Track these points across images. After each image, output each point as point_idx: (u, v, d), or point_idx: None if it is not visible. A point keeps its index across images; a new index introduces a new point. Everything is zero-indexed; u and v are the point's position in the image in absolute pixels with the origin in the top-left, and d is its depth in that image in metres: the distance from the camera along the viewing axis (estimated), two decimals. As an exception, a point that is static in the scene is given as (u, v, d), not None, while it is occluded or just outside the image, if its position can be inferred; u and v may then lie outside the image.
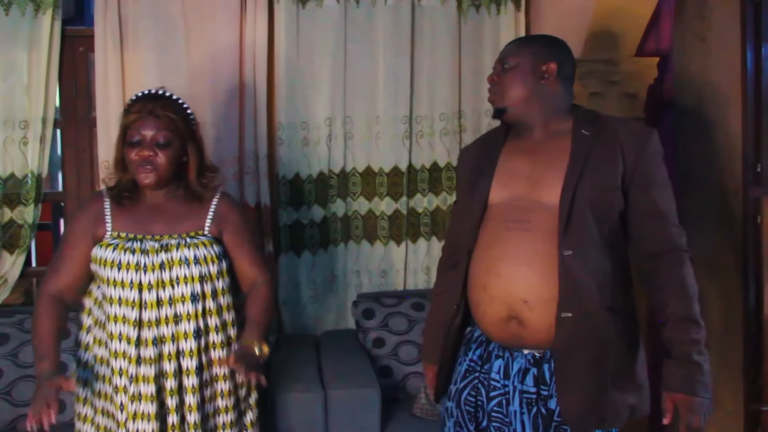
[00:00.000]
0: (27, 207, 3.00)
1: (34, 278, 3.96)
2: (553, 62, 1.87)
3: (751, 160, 2.69)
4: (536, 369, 1.81)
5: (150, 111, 2.00)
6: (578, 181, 1.76)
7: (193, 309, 2.03)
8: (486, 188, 1.89)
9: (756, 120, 2.69)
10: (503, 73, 1.89)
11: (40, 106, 2.97)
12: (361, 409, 2.61)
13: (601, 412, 1.75)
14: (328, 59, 3.20)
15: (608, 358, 1.76)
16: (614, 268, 1.79)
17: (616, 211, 1.79)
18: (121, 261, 1.98)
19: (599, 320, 1.75)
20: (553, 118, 1.88)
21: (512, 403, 1.82)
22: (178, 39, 3.06)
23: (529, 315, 1.77)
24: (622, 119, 2.00)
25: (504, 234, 1.82)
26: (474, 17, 3.32)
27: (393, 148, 3.25)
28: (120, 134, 2.06)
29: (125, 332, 1.99)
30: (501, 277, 1.80)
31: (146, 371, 1.99)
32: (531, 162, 1.86)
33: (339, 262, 3.30)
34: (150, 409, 1.98)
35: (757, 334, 2.71)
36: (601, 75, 2.93)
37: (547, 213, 1.78)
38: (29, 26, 2.95)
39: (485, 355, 1.90)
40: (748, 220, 2.70)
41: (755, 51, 2.67)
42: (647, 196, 1.78)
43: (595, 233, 1.76)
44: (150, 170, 2.00)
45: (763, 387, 2.70)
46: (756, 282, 2.70)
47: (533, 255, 1.77)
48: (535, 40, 2.03)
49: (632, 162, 1.78)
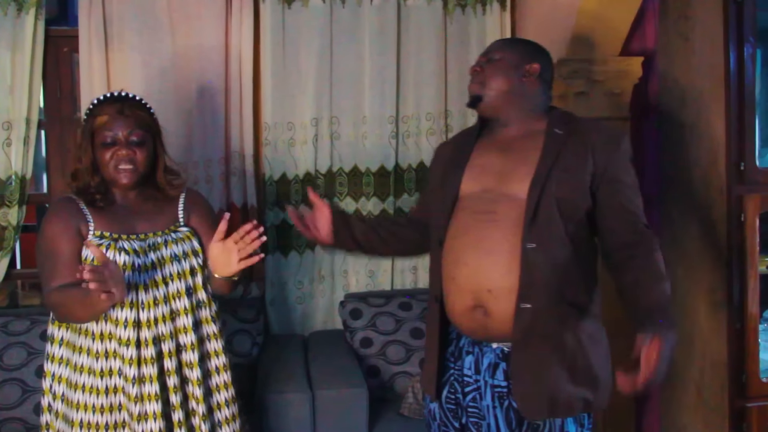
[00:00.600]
0: (11, 208, 2.97)
1: (19, 280, 3.94)
2: (537, 63, 1.92)
3: (734, 159, 2.71)
4: (506, 363, 1.84)
5: (119, 111, 1.99)
6: (547, 177, 1.80)
7: (189, 303, 2.04)
8: (457, 180, 1.93)
9: (739, 119, 2.71)
10: (487, 64, 1.93)
11: (24, 106, 2.95)
12: (349, 409, 2.61)
13: (553, 402, 1.79)
14: (314, 59, 3.19)
15: (565, 351, 1.80)
16: (578, 265, 1.83)
17: (582, 210, 1.82)
18: (116, 262, 1.93)
19: (558, 313, 1.79)
20: (528, 116, 1.93)
21: (484, 397, 1.87)
22: (164, 39, 3.04)
23: (493, 305, 1.81)
24: (595, 121, 2.05)
25: (472, 225, 1.86)
26: (460, 17, 3.32)
27: (379, 148, 3.26)
28: (86, 138, 2.01)
29: (122, 334, 1.96)
30: (468, 267, 1.84)
31: (149, 371, 1.97)
32: (503, 157, 1.90)
33: (326, 263, 3.30)
34: (155, 408, 1.97)
35: (742, 331, 2.73)
36: (586, 74, 2.95)
37: (514, 205, 1.81)
38: (12, 26, 2.93)
39: (456, 352, 1.94)
40: (731, 218, 2.71)
41: (738, 50, 2.69)
42: (619, 194, 1.82)
43: (561, 229, 1.79)
44: (130, 169, 1.99)
45: (748, 383, 2.72)
46: (740, 279, 2.72)
47: (498, 246, 1.81)
48: (521, 41, 2.09)
49: (603, 162, 1.81)
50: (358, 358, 2.94)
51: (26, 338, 2.73)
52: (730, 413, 2.73)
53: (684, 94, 2.89)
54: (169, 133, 2.64)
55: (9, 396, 2.63)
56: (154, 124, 2.08)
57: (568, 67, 2.91)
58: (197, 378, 2.04)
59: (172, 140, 2.82)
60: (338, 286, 3.31)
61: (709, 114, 2.76)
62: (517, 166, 1.85)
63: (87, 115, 2.04)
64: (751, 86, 2.73)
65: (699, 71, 2.81)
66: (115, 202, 2.06)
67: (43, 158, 3.25)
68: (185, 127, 3.06)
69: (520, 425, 1.83)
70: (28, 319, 2.80)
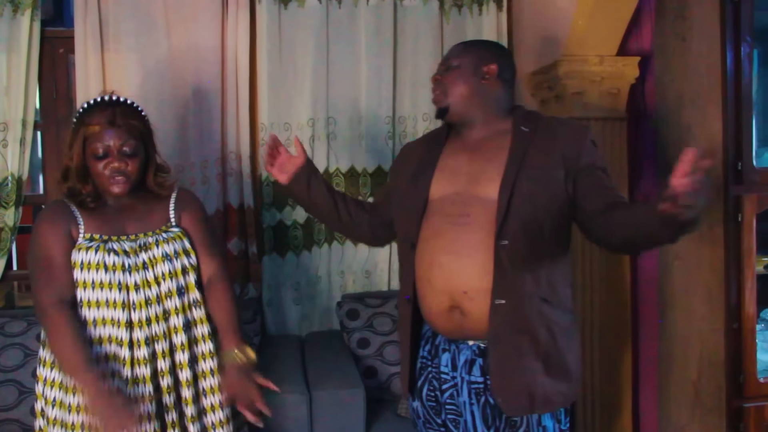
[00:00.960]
0: (7, 210, 2.97)
1: (15, 281, 3.92)
2: (494, 64, 1.95)
3: (731, 159, 2.71)
4: (482, 359, 1.87)
5: (110, 121, 1.97)
6: (516, 176, 1.82)
7: (180, 303, 2.04)
8: (427, 183, 1.96)
9: (736, 119, 2.71)
10: (446, 73, 1.96)
11: (20, 107, 2.94)
12: (346, 410, 2.60)
13: (532, 396, 1.82)
14: (310, 60, 3.19)
15: (540, 347, 1.83)
16: (552, 261, 1.86)
17: (554, 205, 1.84)
18: (106, 262, 1.95)
19: (532, 309, 1.82)
20: (493, 117, 1.96)
21: (461, 393, 1.90)
22: (160, 40, 3.04)
23: (469, 305, 1.84)
24: (560, 118, 2.09)
25: (445, 227, 1.88)
26: (456, 17, 3.32)
27: (376, 148, 3.25)
28: (79, 144, 1.99)
29: (114, 335, 1.96)
30: (443, 269, 1.86)
31: (142, 372, 1.96)
32: (471, 159, 1.93)
33: (323, 263, 3.30)
34: (149, 409, 1.96)
35: (739, 331, 2.73)
36: (583, 74, 2.95)
37: (486, 206, 1.84)
38: (8, 27, 2.92)
39: (433, 350, 1.97)
40: (729, 218, 2.72)
41: (735, 50, 2.69)
42: (598, 178, 1.85)
43: (533, 226, 1.82)
44: (122, 181, 1.99)
45: (745, 384, 2.73)
46: (737, 279, 2.72)
47: (473, 247, 1.83)
48: (477, 43, 2.10)
49: (575, 154, 1.85)
50: (355, 359, 2.93)
51: (23, 339, 2.72)
52: (728, 413, 2.74)
53: (681, 94, 2.89)
54: (166, 134, 2.66)
55: (5, 398, 2.62)
56: (146, 130, 2.07)
57: (565, 67, 2.92)
58: (187, 379, 2.03)
59: (169, 141, 2.84)
60: (335, 287, 3.31)
61: (706, 114, 2.76)
62: (486, 167, 1.88)
63: (77, 120, 2.02)
64: (748, 86, 2.73)
65: (696, 71, 2.81)
66: (106, 204, 2.06)
67: (40, 159, 3.24)
68: (181, 128, 3.06)
69: (496, 421, 1.86)
70: (25, 321, 2.79)
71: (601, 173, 1.87)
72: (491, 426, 1.87)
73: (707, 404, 2.80)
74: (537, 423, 1.85)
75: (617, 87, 3.00)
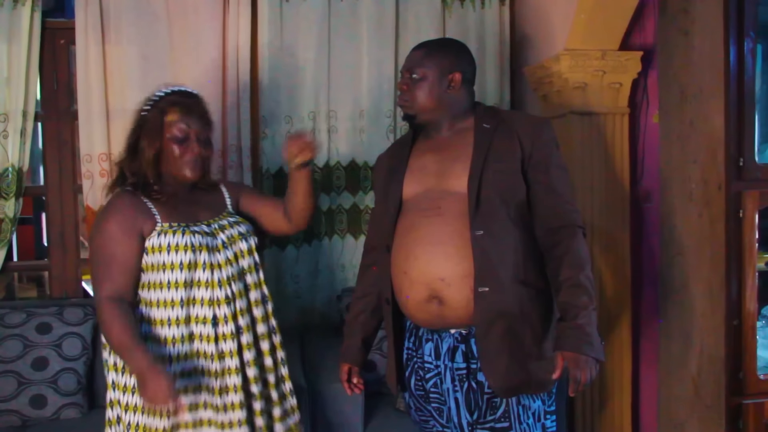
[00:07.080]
0: (8, 201, 2.97)
1: (15, 273, 3.94)
2: (458, 72, 2.01)
3: (733, 155, 2.70)
4: (464, 345, 1.93)
5: (190, 108, 2.08)
6: (483, 169, 1.90)
7: (258, 278, 2.17)
8: (399, 186, 2.03)
9: (738, 114, 2.69)
10: (412, 83, 2.01)
11: (21, 99, 2.95)
12: (345, 404, 2.61)
13: (524, 379, 1.88)
14: (311, 53, 3.18)
15: (525, 329, 1.90)
16: (524, 245, 1.92)
17: (519, 193, 1.92)
18: (192, 243, 2.01)
19: (514, 293, 1.88)
20: (457, 117, 2.04)
21: (445, 381, 1.95)
22: (161, 32, 3.03)
23: (447, 292, 1.89)
24: (520, 113, 2.17)
25: (418, 221, 1.95)
26: (458, 10, 3.32)
27: (377, 142, 3.24)
28: (157, 131, 2.05)
29: (201, 314, 2.03)
30: (419, 260, 1.92)
31: (228, 346, 2.04)
32: (439, 158, 2.01)
33: (323, 257, 3.29)
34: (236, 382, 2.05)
35: (739, 327, 2.72)
36: (585, 68, 2.93)
37: (457, 199, 1.91)
38: (8, 18, 2.92)
39: (417, 342, 2.03)
40: (730, 215, 2.71)
41: (738, 45, 2.67)
42: (544, 178, 1.93)
43: (503, 214, 1.90)
44: (199, 166, 2.10)
45: (745, 380, 2.72)
46: (738, 276, 2.71)
47: (447, 236, 1.90)
48: (439, 49, 2.07)
49: (529, 148, 1.93)
50: (355, 353, 2.93)
51: (22, 331, 2.73)
52: (727, 410, 2.73)
53: (683, 89, 2.87)
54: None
55: (4, 388, 2.63)
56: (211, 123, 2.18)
57: (567, 62, 2.90)
58: (267, 349, 2.16)
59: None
60: (335, 280, 3.31)
61: (709, 109, 2.75)
62: (453, 164, 1.96)
63: (152, 107, 2.09)
64: (751, 82, 2.71)
65: (699, 66, 2.80)
66: (172, 194, 2.11)
67: (40, 150, 3.24)
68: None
69: (479, 403, 1.91)
70: (24, 312, 2.80)
71: (555, 172, 1.94)
72: (474, 410, 1.92)
73: (707, 401, 2.80)
74: (516, 402, 1.90)
75: (619, 81, 2.99)
